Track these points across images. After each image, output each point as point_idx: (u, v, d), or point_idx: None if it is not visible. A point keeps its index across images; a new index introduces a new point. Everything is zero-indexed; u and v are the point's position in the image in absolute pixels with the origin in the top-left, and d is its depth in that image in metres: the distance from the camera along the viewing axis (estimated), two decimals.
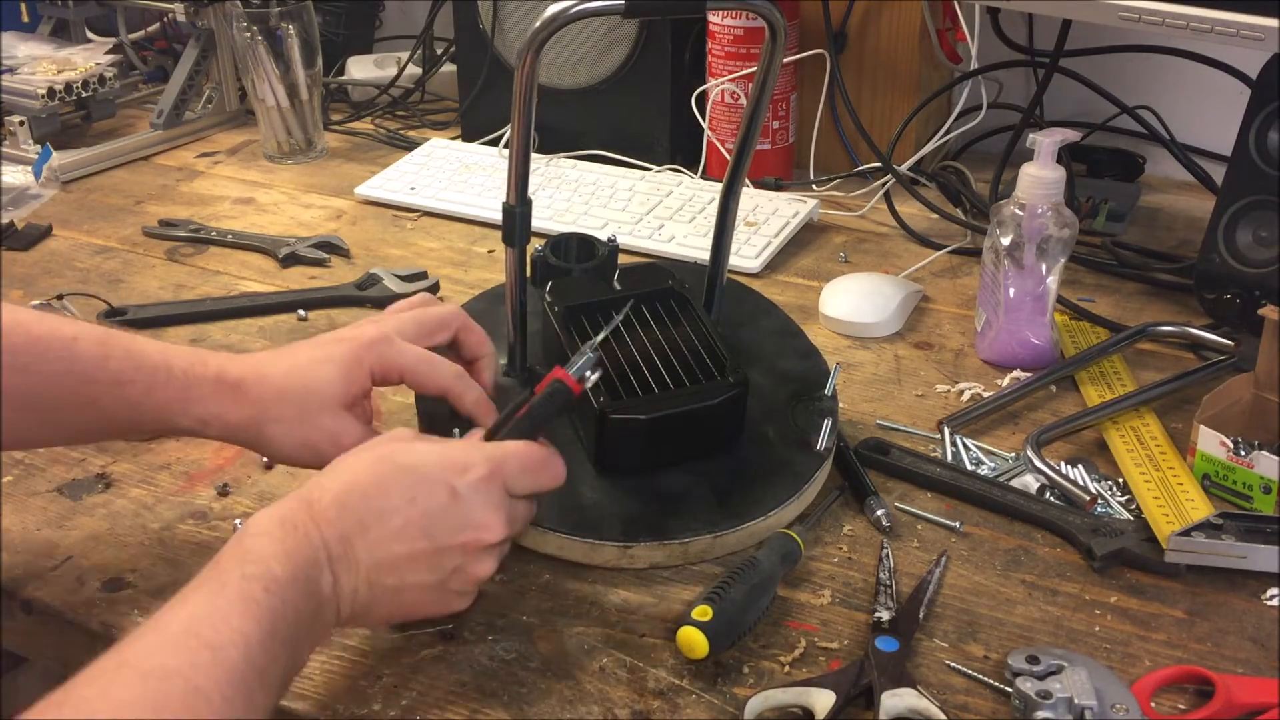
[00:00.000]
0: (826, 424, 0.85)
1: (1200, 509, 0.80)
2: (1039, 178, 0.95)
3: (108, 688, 0.54)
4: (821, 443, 0.85)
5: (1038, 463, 0.85)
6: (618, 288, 0.88)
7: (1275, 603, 0.75)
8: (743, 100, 1.30)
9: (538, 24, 0.74)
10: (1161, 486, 0.83)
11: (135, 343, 0.75)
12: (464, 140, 1.47)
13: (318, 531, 0.64)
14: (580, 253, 0.94)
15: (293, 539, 0.63)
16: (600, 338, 0.72)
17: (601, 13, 0.75)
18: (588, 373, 0.71)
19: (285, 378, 0.75)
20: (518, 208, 0.81)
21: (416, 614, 0.70)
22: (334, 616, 0.65)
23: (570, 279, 0.91)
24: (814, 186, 1.33)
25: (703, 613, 0.69)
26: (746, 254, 1.16)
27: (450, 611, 0.70)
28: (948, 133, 1.30)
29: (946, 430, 0.91)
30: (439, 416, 0.81)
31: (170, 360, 0.74)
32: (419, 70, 1.60)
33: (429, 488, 0.66)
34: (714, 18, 1.28)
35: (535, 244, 0.87)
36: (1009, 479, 0.87)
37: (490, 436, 0.73)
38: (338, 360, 0.75)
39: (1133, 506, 0.83)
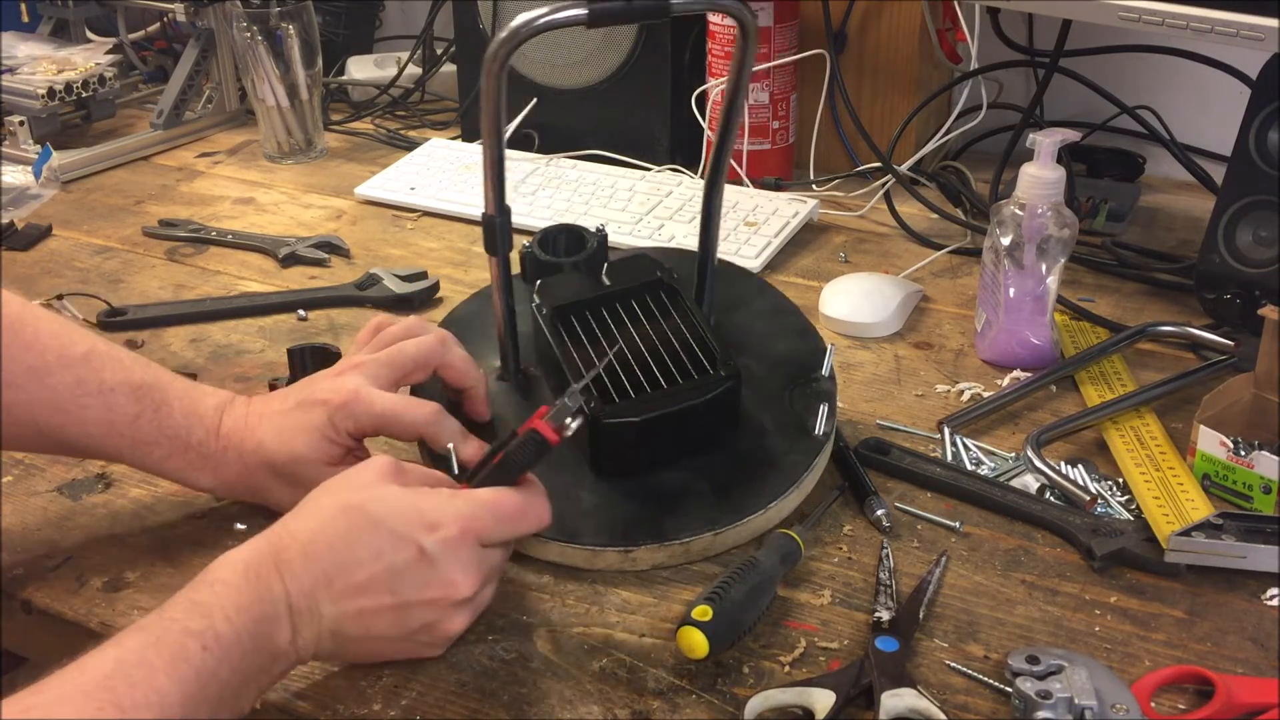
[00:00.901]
0: (823, 408, 0.84)
1: (1200, 509, 0.80)
2: (1039, 178, 0.95)
3: None
4: (819, 427, 0.84)
5: (1038, 463, 0.85)
6: (606, 282, 0.87)
7: (1275, 603, 0.75)
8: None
9: (504, 34, 0.73)
10: (1161, 486, 0.83)
11: (165, 402, 0.78)
12: (464, 140, 1.47)
13: (281, 584, 0.64)
14: (569, 245, 0.93)
15: (252, 590, 0.63)
16: (582, 384, 0.69)
17: (566, 24, 0.74)
18: (568, 420, 0.68)
19: (276, 446, 0.77)
20: (497, 217, 0.81)
21: (385, 659, 0.70)
22: (290, 665, 0.65)
23: (558, 276, 0.90)
24: (814, 186, 1.33)
25: (703, 613, 0.69)
26: (746, 254, 1.16)
27: (421, 658, 0.70)
28: (948, 133, 1.30)
29: (946, 430, 0.91)
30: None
31: (191, 428, 0.78)
32: (419, 70, 1.60)
33: (395, 544, 0.66)
34: (714, 18, 1.28)
35: (524, 239, 0.87)
36: (1009, 479, 0.86)
37: (469, 479, 0.72)
38: (317, 427, 0.77)
39: (1133, 506, 0.83)
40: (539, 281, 0.88)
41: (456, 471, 0.76)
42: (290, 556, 0.65)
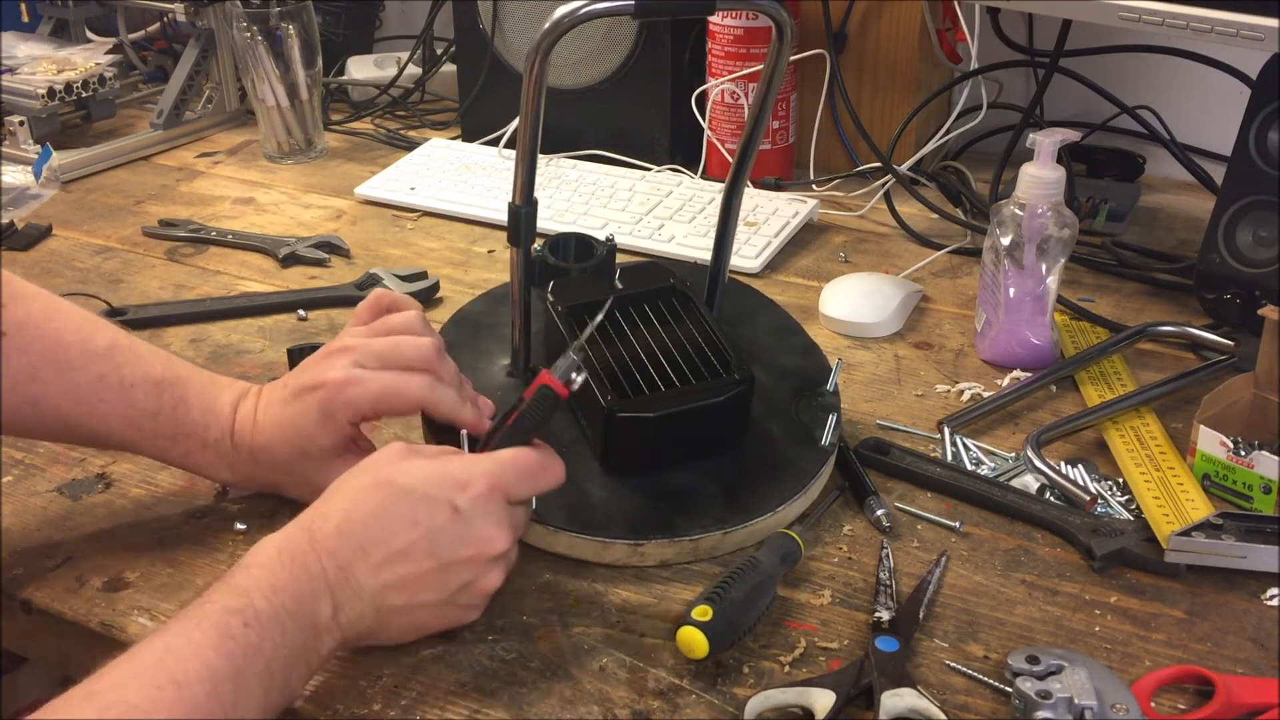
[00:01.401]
0: (831, 419, 0.85)
1: (1200, 509, 0.80)
2: (1039, 178, 0.95)
3: None
4: (826, 438, 0.85)
5: (1038, 463, 0.85)
6: (619, 286, 0.88)
7: (1275, 603, 0.75)
8: (743, 100, 1.30)
9: (547, 25, 0.74)
10: (1161, 486, 0.83)
11: (184, 399, 0.79)
12: (464, 140, 1.47)
13: (318, 561, 0.65)
14: (579, 252, 0.94)
15: (289, 570, 0.64)
16: (583, 338, 0.71)
17: (611, 13, 0.75)
18: (574, 375, 0.70)
19: (280, 447, 0.78)
20: (523, 208, 0.81)
21: (427, 630, 0.71)
22: (335, 643, 0.66)
23: (572, 278, 0.91)
24: (814, 186, 1.33)
25: (703, 613, 0.69)
26: (746, 254, 1.16)
27: (461, 624, 0.71)
28: (948, 133, 1.30)
29: (946, 430, 0.91)
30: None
31: (208, 426, 0.79)
32: (419, 70, 1.60)
33: (429, 507, 0.67)
34: (714, 17, 1.28)
35: (534, 244, 0.87)
36: (1009, 479, 0.86)
37: (484, 445, 0.73)
38: (314, 417, 0.77)
39: (1133, 506, 0.83)
40: (553, 282, 0.88)
41: (467, 449, 0.77)
42: (325, 535, 0.66)
